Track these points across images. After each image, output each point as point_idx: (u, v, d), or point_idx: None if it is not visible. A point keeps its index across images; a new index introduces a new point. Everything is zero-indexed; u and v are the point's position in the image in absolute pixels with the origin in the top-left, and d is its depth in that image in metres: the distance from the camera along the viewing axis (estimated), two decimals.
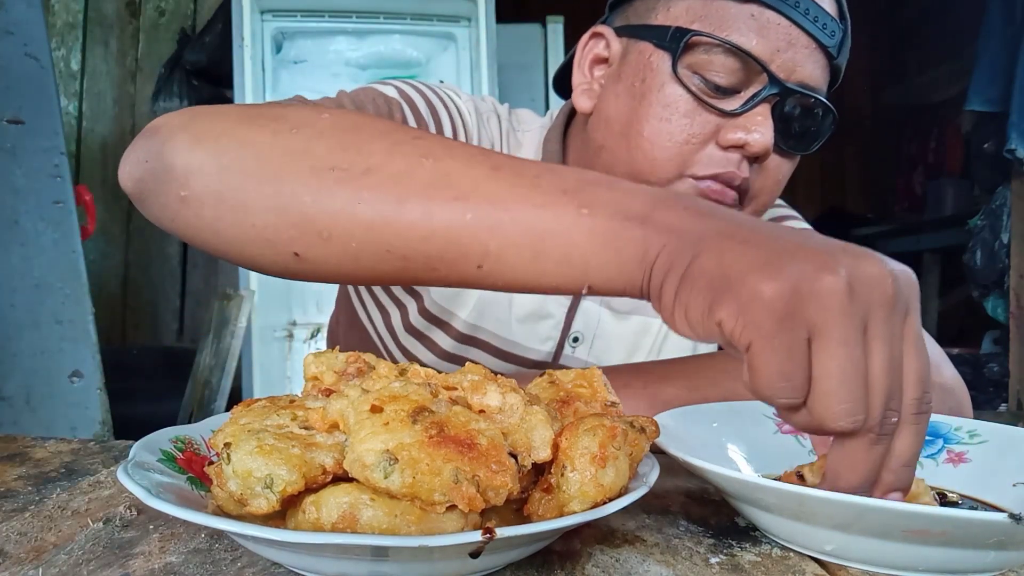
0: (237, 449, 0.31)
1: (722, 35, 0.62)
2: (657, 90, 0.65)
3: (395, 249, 0.43)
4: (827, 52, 0.65)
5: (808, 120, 0.67)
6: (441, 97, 0.73)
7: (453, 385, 0.35)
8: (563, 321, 0.76)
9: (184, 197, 0.46)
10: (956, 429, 0.49)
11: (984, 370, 2.51)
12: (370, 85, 0.71)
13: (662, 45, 0.65)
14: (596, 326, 0.77)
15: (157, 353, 2.89)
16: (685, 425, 0.47)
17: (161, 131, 0.49)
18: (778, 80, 0.63)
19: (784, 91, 0.63)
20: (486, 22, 2.40)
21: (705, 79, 0.64)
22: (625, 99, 0.68)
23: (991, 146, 2.41)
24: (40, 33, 1.83)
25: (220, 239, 0.47)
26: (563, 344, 0.77)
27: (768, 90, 0.63)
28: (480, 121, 0.76)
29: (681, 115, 0.64)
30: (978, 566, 0.34)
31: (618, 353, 0.78)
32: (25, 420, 1.73)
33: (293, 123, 0.47)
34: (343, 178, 0.43)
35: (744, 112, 0.63)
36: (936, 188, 3.45)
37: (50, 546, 0.36)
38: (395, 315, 0.79)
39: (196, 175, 0.46)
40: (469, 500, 0.29)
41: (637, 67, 0.67)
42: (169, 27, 3.13)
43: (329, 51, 2.49)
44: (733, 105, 0.64)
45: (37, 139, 1.79)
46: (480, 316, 0.76)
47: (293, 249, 0.45)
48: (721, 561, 0.37)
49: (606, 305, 0.78)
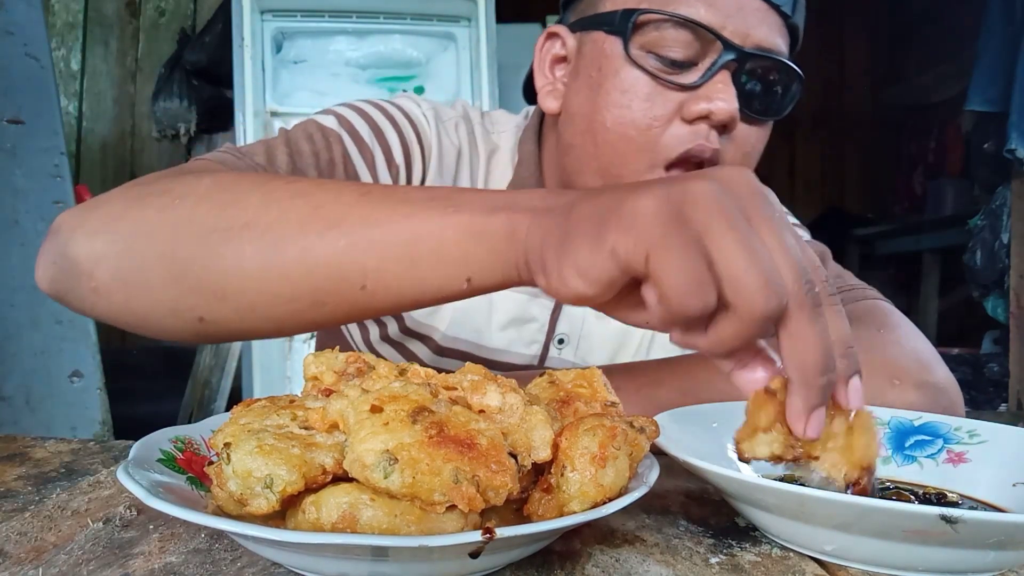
0: (237, 449, 0.31)
1: (669, 9, 0.62)
2: (613, 76, 0.64)
3: (283, 292, 0.45)
4: (780, 12, 0.64)
5: (772, 84, 0.66)
6: (390, 113, 0.72)
7: (453, 385, 0.35)
8: (547, 323, 0.76)
9: (94, 288, 0.49)
10: (956, 429, 0.49)
11: (984, 370, 2.51)
12: (312, 117, 0.70)
13: (613, 30, 0.65)
14: (581, 327, 0.77)
15: (157, 353, 2.88)
16: (684, 425, 0.47)
17: (62, 230, 0.52)
18: (733, 45, 0.62)
19: (741, 56, 0.62)
20: (486, 22, 2.40)
21: (660, 56, 0.63)
22: (585, 93, 0.67)
23: (991, 146, 2.41)
24: (40, 33, 1.83)
25: (135, 319, 0.50)
26: (548, 347, 0.77)
27: (724, 56, 0.62)
28: (441, 128, 0.75)
29: (642, 98, 0.64)
30: (978, 566, 0.34)
31: (604, 353, 0.78)
32: (25, 420, 1.73)
33: (176, 194, 0.49)
34: (226, 237, 0.46)
35: (704, 82, 0.63)
36: (936, 188, 3.45)
37: (50, 546, 0.36)
38: (374, 331, 0.79)
39: (99, 265, 0.49)
40: (469, 500, 0.29)
41: (592, 58, 0.67)
42: (169, 27, 3.13)
43: (329, 51, 2.48)
44: (692, 78, 0.63)
45: (37, 139, 1.79)
46: (459, 328, 0.75)
47: (197, 315, 0.47)
48: (721, 561, 0.37)
49: None
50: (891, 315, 0.67)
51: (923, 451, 0.49)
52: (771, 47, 0.64)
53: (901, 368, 0.59)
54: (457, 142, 0.76)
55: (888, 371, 0.58)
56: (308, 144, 0.67)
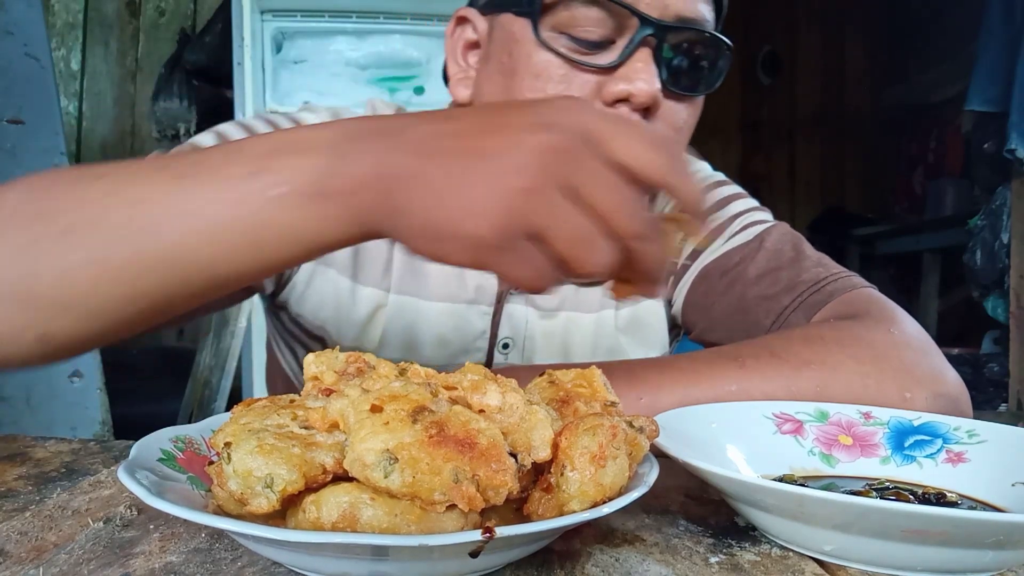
0: (237, 449, 0.31)
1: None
2: (525, 61, 0.61)
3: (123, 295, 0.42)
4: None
5: (697, 56, 0.62)
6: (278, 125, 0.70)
7: (453, 385, 0.35)
8: (488, 330, 0.74)
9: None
10: (955, 429, 0.49)
11: (984, 370, 2.51)
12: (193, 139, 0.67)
13: (521, 12, 0.61)
14: (524, 328, 0.75)
15: (157, 353, 2.88)
16: (685, 425, 0.47)
17: None
18: (650, 20, 0.58)
19: (660, 29, 0.59)
20: None
21: (573, 37, 0.60)
22: (497, 79, 0.64)
23: (991, 146, 2.41)
24: (40, 33, 1.83)
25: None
26: (493, 352, 0.75)
27: (642, 32, 0.58)
28: None
29: (556, 82, 0.60)
30: (977, 566, 0.34)
31: (551, 352, 0.76)
32: (25, 420, 1.73)
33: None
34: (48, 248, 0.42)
35: (623, 62, 0.59)
36: (936, 188, 3.45)
37: (51, 546, 0.36)
38: None
39: None
40: (469, 500, 0.29)
41: (502, 42, 0.63)
42: (169, 27, 3.13)
43: (329, 51, 2.48)
44: (610, 58, 0.60)
45: (37, 139, 1.79)
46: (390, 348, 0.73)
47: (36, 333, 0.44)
48: (721, 561, 0.37)
49: (531, 304, 0.75)
50: (888, 307, 0.65)
51: (922, 451, 0.49)
52: (694, 16, 0.60)
53: (915, 378, 0.57)
54: None
55: (901, 381, 0.56)
56: None
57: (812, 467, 0.50)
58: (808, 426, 0.51)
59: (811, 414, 0.52)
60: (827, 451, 0.51)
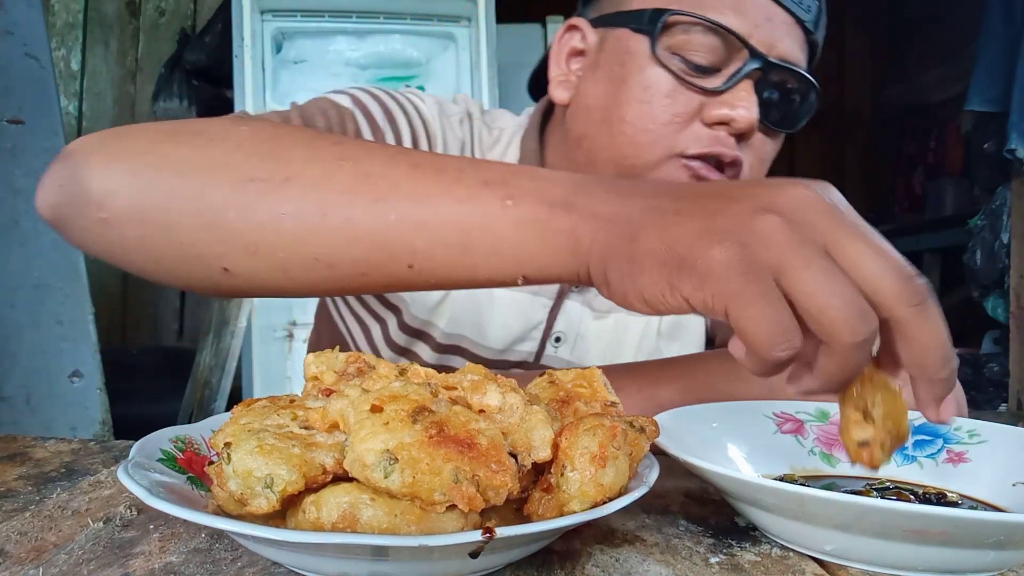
0: (237, 449, 0.31)
1: (700, 13, 0.62)
2: (637, 73, 0.65)
3: (322, 257, 0.43)
4: (804, 27, 0.65)
5: (791, 96, 0.67)
6: (400, 102, 0.72)
7: (453, 385, 0.35)
8: (545, 321, 0.76)
9: (105, 219, 0.46)
10: (956, 429, 0.49)
11: (984, 370, 2.51)
12: (324, 95, 0.70)
13: (640, 29, 0.65)
14: (578, 325, 0.77)
15: (157, 353, 2.88)
16: (685, 425, 0.47)
17: (75, 154, 0.48)
18: (760, 54, 0.62)
19: (766, 65, 0.63)
20: (486, 22, 2.40)
21: (685, 59, 0.63)
22: (604, 85, 0.67)
23: (991, 146, 2.40)
24: (40, 33, 1.83)
25: (148, 258, 0.47)
26: (545, 344, 0.77)
27: (750, 65, 0.62)
28: (445, 124, 0.75)
29: (663, 95, 0.64)
30: (978, 566, 0.34)
31: (600, 351, 0.78)
32: (25, 420, 1.73)
33: (211, 136, 0.46)
34: (264, 189, 0.43)
35: (727, 89, 0.63)
36: (936, 188, 3.45)
37: (50, 546, 0.36)
38: (375, 330, 0.79)
39: (115, 195, 0.45)
40: (469, 500, 0.29)
41: (615, 53, 0.67)
42: (169, 27, 3.13)
43: (329, 51, 2.48)
44: (715, 83, 0.63)
45: (37, 139, 1.79)
46: (458, 324, 0.75)
47: (222, 264, 0.44)
48: (721, 561, 0.37)
49: (587, 305, 0.78)
50: None
51: (923, 451, 0.49)
52: (794, 60, 0.65)
53: None
54: (461, 136, 0.76)
55: None
56: (322, 119, 0.66)
57: (813, 467, 0.50)
58: (809, 426, 0.52)
59: (811, 414, 0.52)
60: (828, 451, 0.51)
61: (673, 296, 0.35)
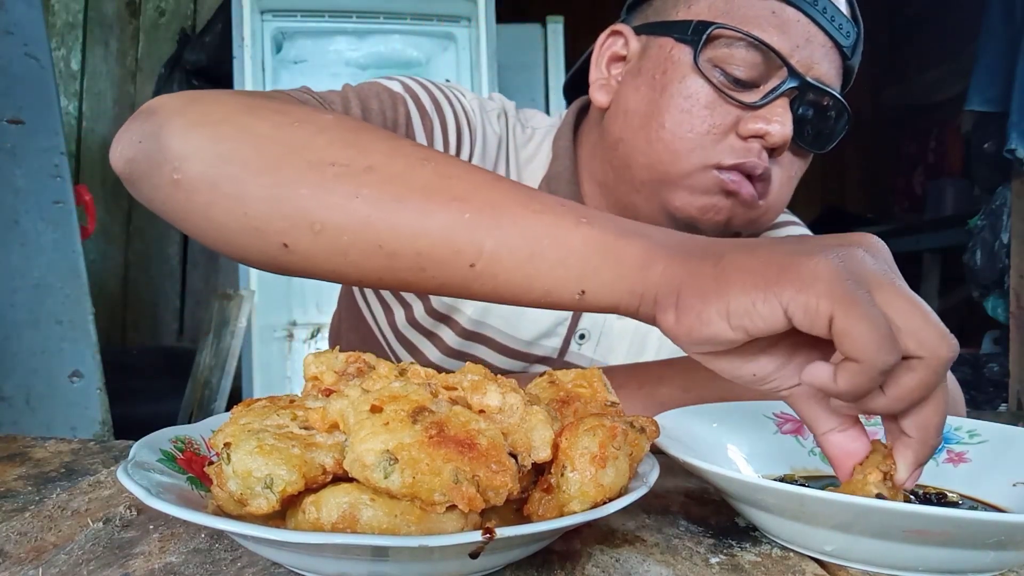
0: (237, 449, 0.31)
1: (744, 29, 0.63)
2: (678, 82, 0.66)
3: (386, 244, 0.43)
4: (842, 52, 0.67)
5: (823, 118, 0.68)
6: (446, 94, 0.74)
7: (453, 385, 0.35)
8: (571, 317, 0.77)
9: (177, 180, 0.46)
10: (956, 429, 0.49)
11: (984, 370, 2.51)
12: (375, 80, 0.71)
13: (684, 39, 0.66)
14: (603, 323, 0.78)
15: (157, 353, 2.88)
16: (685, 425, 0.47)
17: (158, 112, 0.49)
18: (798, 74, 0.64)
19: (803, 85, 0.64)
20: (486, 22, 2.40)
21: (726, 72, 0.65)
22: (645, 92, 0.68)
23: (991, 146, 2.40)
24: (40, 33, 1.83)
25: (210, 225, 0.47)
26: (570, 341, 0.77)
27: (788, 83, 0.64)
28: (485, 118, 0.76)
29: (702, 106, 0.65)
30: (978, 566, 0.34)
31: (623, 350, 0.79)
32: (25, 420, 1.73)
33: (296, 117, 0.47)
34: (343, 173, 0.43)
35: (764, 104, 0.65)
36: (936, 188, 3.45)
37: (50, 546, 0.36)
38: (399, 313, 0.79)
39: (191, 159, 0.46)
40: (469, 500, 0.29)
41: (658, 61, 0.68)
42: (169, 27, 3.13)
43: (329, 51, 2.49)
44: (753, 98, 0.65)
45: (37, 139, 1.79)
46: (486, 313, 0.76)
47: (283, 240, 0.45)
48: (721, 561, 0.37)
49: None
50: None
51: None
52: (829, 82, 0.67)
53: None
54: (499, 131, 0.78)
55: None
56: (376, 102, 0.68)
57: (813, 467, 0.50)
58: None
59: None
60: None
61: (767, 303, 0.35)
